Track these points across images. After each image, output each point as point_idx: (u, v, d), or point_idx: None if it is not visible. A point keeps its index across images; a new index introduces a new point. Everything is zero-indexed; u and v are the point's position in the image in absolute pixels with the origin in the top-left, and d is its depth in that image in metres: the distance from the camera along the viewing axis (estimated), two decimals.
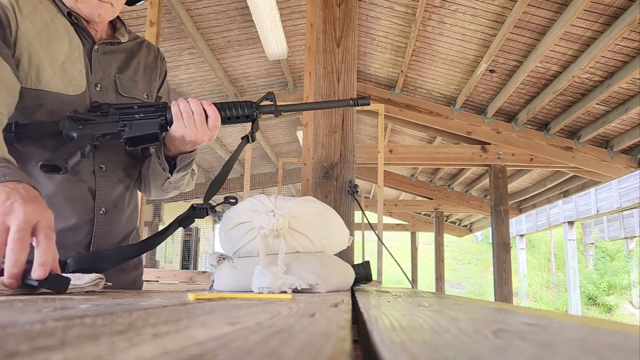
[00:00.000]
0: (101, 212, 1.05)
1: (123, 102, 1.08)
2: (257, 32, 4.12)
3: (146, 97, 1.17)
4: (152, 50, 1.23)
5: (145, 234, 3.29)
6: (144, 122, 1.02)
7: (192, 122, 1.01)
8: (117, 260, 1.03)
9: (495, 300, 5.28)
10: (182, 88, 5.45)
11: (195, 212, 1.08)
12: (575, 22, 3.61)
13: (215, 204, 1.11)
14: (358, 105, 1.13)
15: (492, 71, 4.61)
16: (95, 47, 1.08)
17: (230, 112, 1.05)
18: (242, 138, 1.13)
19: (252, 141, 1.13)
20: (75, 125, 0.97)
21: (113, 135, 1.01)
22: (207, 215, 1.10)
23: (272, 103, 1.07)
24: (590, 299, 14.98)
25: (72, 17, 1.04)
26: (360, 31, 4.64)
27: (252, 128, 1.10)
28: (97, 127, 0.99)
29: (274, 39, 4.00)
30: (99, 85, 1.06)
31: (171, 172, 1.11)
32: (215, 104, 1.05)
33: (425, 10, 3.99)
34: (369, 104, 1.13)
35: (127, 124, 1.01)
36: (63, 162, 0.90)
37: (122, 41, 1.13)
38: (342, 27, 2.08)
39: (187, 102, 1.01)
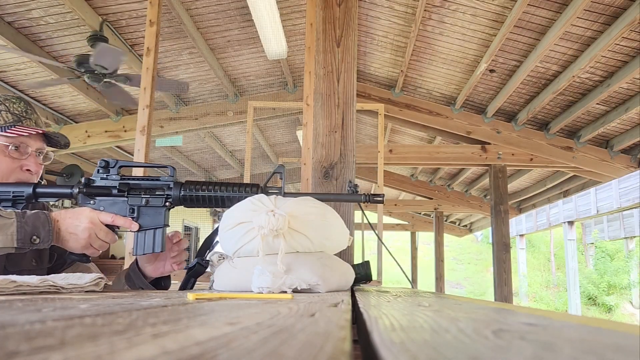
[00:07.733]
0: None
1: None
2: (256, 31, 4.12)
3: None
4: None
5: None
6: (151, 209, 1.09)
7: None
8: None
9: (495, 300, 5.28)
10: None
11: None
12: (575, 22, 3.61)
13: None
14: (370, 202, 1.21)
15: (492, 71, 4.61)
16: None
17: (234, 201, 1.13)
18: None
19: None
20: (88, 199, 1.07)
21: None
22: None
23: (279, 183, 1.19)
24: (590, 299, 14.97)
25: None
26: (360, 31, 4.64)
27: None
28: (107, 205, 1.07)
29: (273, 39, 3.99)
30: None
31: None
32: (221, 184, 1.15)
33: (425, 10, 3.99)
34: (382, 202, 1.20)
35: (135, 209, 1.08)
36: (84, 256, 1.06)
37: None
38: (342, 27, 2.08)
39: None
